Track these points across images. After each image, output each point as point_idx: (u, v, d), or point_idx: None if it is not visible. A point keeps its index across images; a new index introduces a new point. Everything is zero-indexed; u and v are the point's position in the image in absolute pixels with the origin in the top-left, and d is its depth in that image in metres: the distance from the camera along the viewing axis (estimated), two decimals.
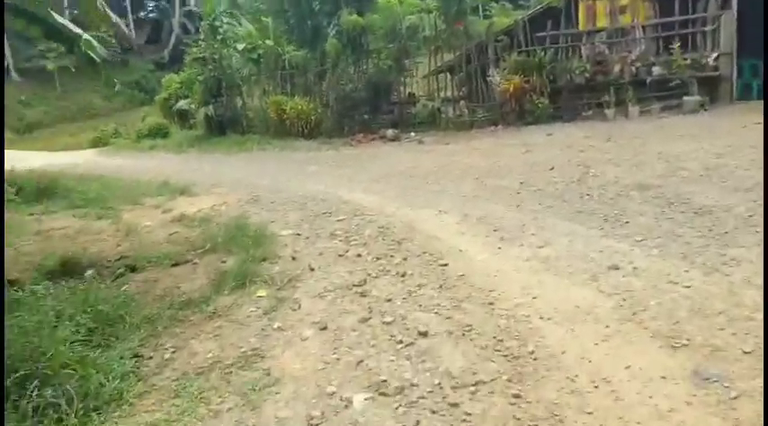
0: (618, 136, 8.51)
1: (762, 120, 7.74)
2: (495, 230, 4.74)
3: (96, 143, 18.50)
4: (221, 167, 11.38)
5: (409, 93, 13.70)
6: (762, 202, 4.15)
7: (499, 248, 4.26)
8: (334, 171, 9.32)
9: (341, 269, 4.16)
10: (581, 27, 10.84)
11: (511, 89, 10.82)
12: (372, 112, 13.39)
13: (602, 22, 10.65)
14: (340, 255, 4.49)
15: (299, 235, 5.43)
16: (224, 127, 15.48)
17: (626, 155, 6.70)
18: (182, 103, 16.06)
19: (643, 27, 10.44)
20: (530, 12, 11.47)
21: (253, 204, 7.24)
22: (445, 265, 3.98)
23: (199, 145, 15.23)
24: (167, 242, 5.36)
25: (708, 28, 9.84)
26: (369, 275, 3.93)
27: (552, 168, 6.60)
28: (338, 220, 5.85)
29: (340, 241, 5.04)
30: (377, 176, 8.20)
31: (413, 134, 12.20)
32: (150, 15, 42.30)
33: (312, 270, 4.19)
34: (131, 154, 15.56)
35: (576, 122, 10.59)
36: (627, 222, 4.29)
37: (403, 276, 3.83)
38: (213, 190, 8.61)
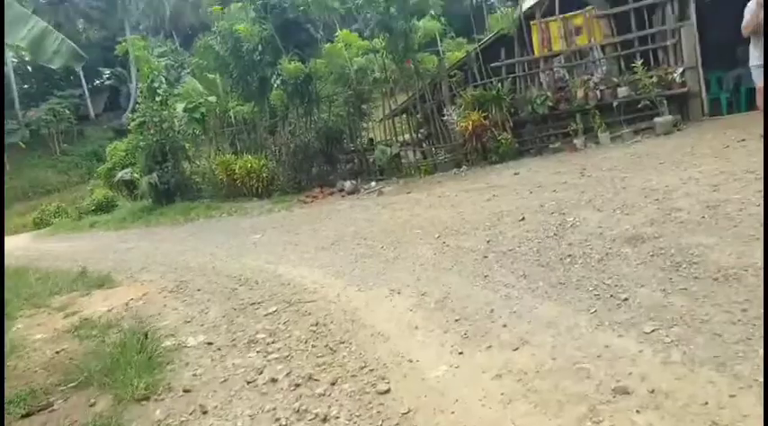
0: (592, 168, 7.61)
1: (744, 137, 6.98)
2: (456, 319, 3.68)
3: (38, 224, 17.18)
4: (160, 244, 10.23)
5: (369, 139, 12.81)
6: None
7: (461, 353, 3.18)
8: (281, 237, 8.25)
9: (244, 408, 3.05)
10: (536, 53, 10.10)
11: (470, 127, 9.96)
12: (329, 164, 12.44)
13: (558, 45, 9.93)
14: (249, 382, 3.38)
15: (210, 344, 4.32)
16: (171, 194, 14.37)
17: (606, 194, 5.75)
18: (122, 173, 14.92)
19: (602, 47, 9.73)
20: (481, 42, 10.72)
21: (176, 295, 6.15)
22: (386, 392, 2.89)
23: (145, 217, 14.08)
24: (45, 367, 4.21)
25: (669, 42, 9.15)
26: (278, 422, 2.81)
27: (523, 218, 5.61)
28: (267, 314, 4.77)
29: (258, 352, 3.95)
30: (327, 242, 7.14)
31: (373, 184, 11.24)
32: (107, 82, 41.45)
33: (205, 413, 3.06)
34: (68, 235, 14.33)
35: (544, 156, 9.74)
36: (626, 299, 3.25)
37: (325, 421, 2.72)
38: (139, 276, 7.50)
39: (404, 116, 12.13)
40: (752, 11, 6.02)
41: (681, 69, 9.00)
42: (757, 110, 6.67)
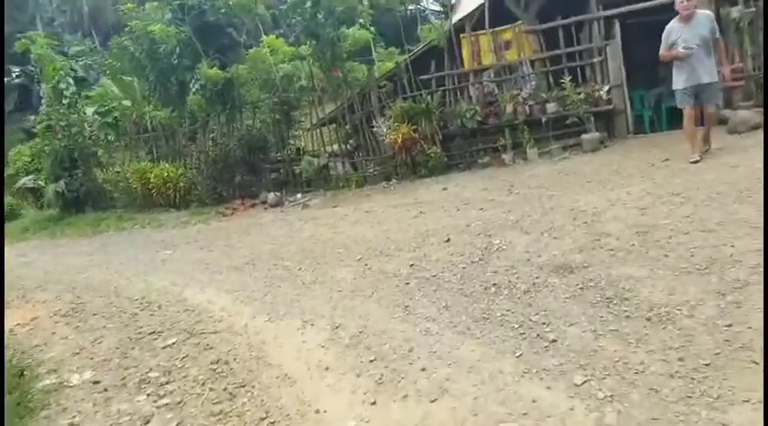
0: (520, 185, 7.46)
1: (667, 157, 7.02)
2: (371, 360, 3.27)
3: None
4: (63, 258, 9.25)
5: (297, 149, 12.27)
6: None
7: (373, 404, 2.77)
8: (193, 254, 7.59)
9: None
10: (466, 66, 9.94)
11: (399, 140, 9.64)
12: (252, 174, 11.78)
13: (488, 59, 9.82)
14: None
15: (96, 383, 3.72)
16: (81, 203, 13.22)
17: (534, 214, 5.53)
18: (24, 180, 13.62)
19: (531, 62, 9.69)
20: (412, 53, 10.47)
21: (69, 319, 5.45)
22: None
23: (50, 228, 12.83)
24: None
25: (595, 59, 9.22)
26: None
27: (448, 239, 5.29)
28: (165, 346, 4.21)
29: (149, 395, 3.40)
30: (242, 260, 6.58)
31: (299, 196, 10.71)
32: (16, 81, 38.55)
33: None
34: None
35: (473, 171, 9.56)
36: (554, 340, 2.95)
37: None
38: (32, 296, 6.66)
39: (333, 126, 11.68)
40: (665, 43, 6.28)
41: (607, 87, 9.07)
42: (681, 129, 6.74)
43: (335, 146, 11.47)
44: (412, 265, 4.79)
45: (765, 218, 3.22)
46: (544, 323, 3.13)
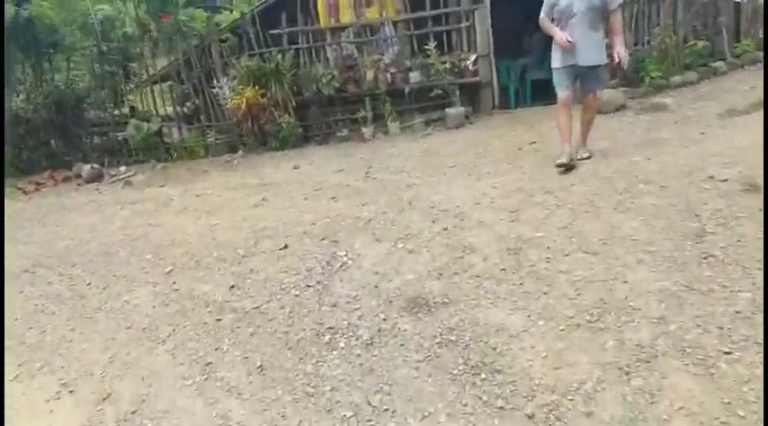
0: (378, 167, 6.56)
1: (535, 139, 6.49)
2: None
3: None
4: None
5: (131, 108, 10.31)
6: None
7: None
8: None
9: None
10: (322, 23, 8.71)
11: (244, 105, 8.25)
12: (67, 140, 9.71)
13: (347, 16, 8.66)
14: None
15: None
16: None
17: (390, 211, 4.64)
18: None
19: (394, 23, 8.70)
20: (260, 3, 8.98)
21: None
22: None
23: None
24: None
25: (462, 25, 8.45)
26: None
27: (286, 246, 4.22)
28: None
29: None
30: (19, 267, 5.01)
31: (123, 169, 8.95)
32: None
33: None
34: None
35: (330, 145, 8.49)
36: None
37: None
38: None
39: (167, 85, 9.89)
40: (546, 6, 4.93)
41: (474, 56, 8.37)
42: (547, 105, 5.97)
43: (170, 109, 9.73)
44: (232, 287, 3.66)
45: (765, 218, 2.76)
46: (387, 410, 2.23)
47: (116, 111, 9.98)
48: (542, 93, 8.13)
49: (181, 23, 8.96)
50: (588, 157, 5.10)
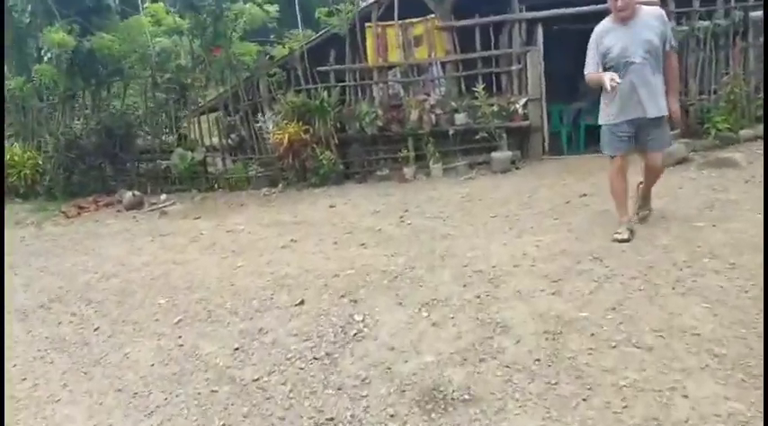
0: (415, 212, 6.26)
1: (585, 191, 6.01)
2: None
3: None
4: None
5: (182, 136, 10.41)
6: None
7: None
8: None
9: None
10: (370, 61, 8.56)
11: (286, 140, 8.12)
12: (116, 165, 9.86)
13: (395, 55, 8.48)
14: None
15: None
16: None
17: (419, 266, 4.28)
18: None
19: (442, 64, 8.46)
20: (309, 40, 8.94)
21: None
22: None
23: None
24: None
25: (513, 67, 8.11)
26: None
27: (302, 302, 3.90)
28: None
29: None
30: (38, 300, 4.89)
31: (163, 197, 8.96)
32: None
33: None
34: None
35: (370, 183, 8.24)
36: None
37: None
38: None
39: (214, 116, 9.94)
40: (593, 52, 4.14)
41: (524, 100, 8.00)
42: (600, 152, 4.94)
43: (215, 139, 9.74)
44: (236, 349, 3.35)
45: (766, 217, 2.53)
46: None
47: (165, 139, 10.09)
48: (597, 139, 7.61)
49: (232, 57, 8.99)
50: (648, 215, 4.55)
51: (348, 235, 5.67)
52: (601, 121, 4.33)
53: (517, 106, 7.90)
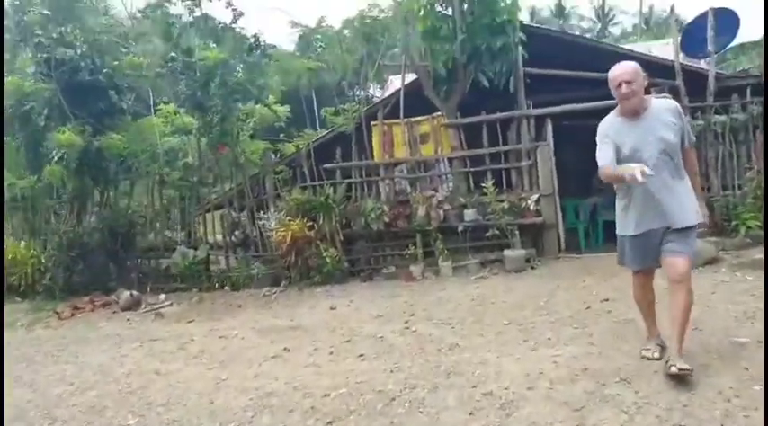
0: (422, 316, 5.79)
1: (607, 296, 5.51)
2: None
3: None
4: None
5: (190, 233, 10.20)
6: None
7: None
8: None
9: None
10: (376, 157, 8.44)
11: (288, 238, 7.84)
12: (117, 264, 9.59)
13: (401, 152, 8.37)
14: None
15: None
16: None
17: (421, 387, 3.77)
18: None
19: (449, 160, 8.29)
20: (316, 138, 8.91)
21: None
22: None
23: None
24: None
25: (524, 163, 7.90)
26: None
27: None
28: None
29: None
30: None
31: (162, 297, 8.59)
32: None
33: None
34: None
35: (375, 282, 7.83)
36: None
37: None
38: None
39: (220, 213, 9.78)
40: (606, 159, 3.35)
41: (536, 196, 7.71)
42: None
43: (219, 237, 9.50)
44: None
45: (765, 218, 1.74)
46: None
47: (171, 236, 9.88)
48: (615, 235, 7.23)
49: (239, 155, 8.97)
50: (689, 372, 3.13)
51: (346, 344, 5.18)
52: (618, 232, 3.64)
53: (529, 202, 7.60)
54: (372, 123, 8.45)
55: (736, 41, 9.92)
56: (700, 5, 8.87)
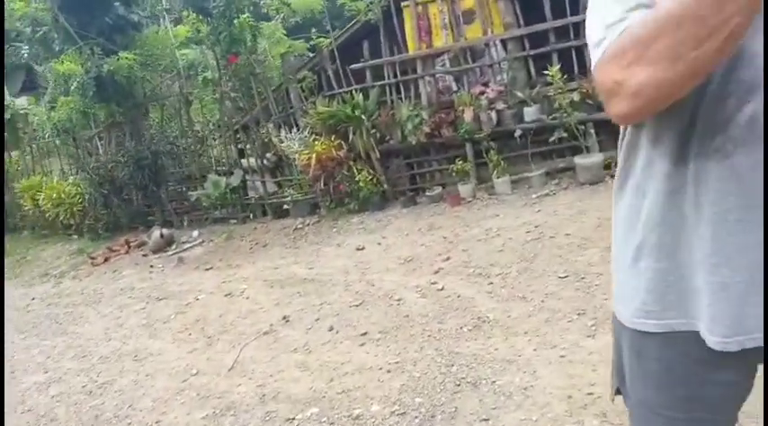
0: (457, 261, 4.52)
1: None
2: None
3: None
4: None
5: (240, 151, 9.32)
6: None
7: None
8: None
9: None
10: (410, 49, 6.75)
11: (313, 161, 6.62)
12: (150, 198, 8.92)
13: (441, 39, 6.59)
14: None
15: None
16: None
17: (426, 403, 2.57)
18: None
19: (503, 42, 6.44)
20: (338, 34, 7.29)
21: None
22: None
23: None
24: None
25: None
26: None
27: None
28: None
29: None
30: None
31: (195, 234, 7.91)
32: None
33: None
34: None
35: (418, 207, 6.52)
36: None
37: None
38: None
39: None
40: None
41: None
42: None
43: (252, 160, 8.45)
44: None
45: (766, 218, 0.91)
46: None
47: (205, 163, 9.02)
48: None
49: (254, 65, 7.62)
50: None
51: (353, 311, 4.07)
52: (618, 311, 1.13)
53: None
54: (403, 4, 6.66)
55: None
56: None
